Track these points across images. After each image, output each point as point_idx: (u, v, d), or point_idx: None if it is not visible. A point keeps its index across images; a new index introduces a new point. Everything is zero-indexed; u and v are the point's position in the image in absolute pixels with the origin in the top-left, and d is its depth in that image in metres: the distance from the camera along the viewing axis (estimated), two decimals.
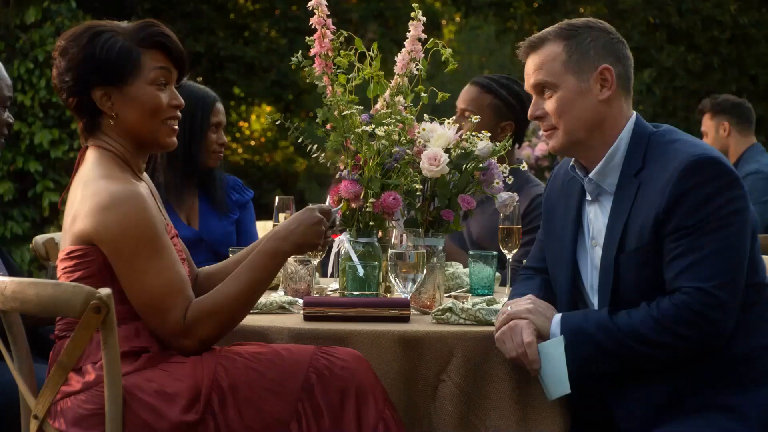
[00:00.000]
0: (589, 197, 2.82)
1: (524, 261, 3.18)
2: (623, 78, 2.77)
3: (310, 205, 2.75)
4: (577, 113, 2.74)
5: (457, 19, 14.76)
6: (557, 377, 2.65)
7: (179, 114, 2.73)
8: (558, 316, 2.70)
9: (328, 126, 3.31)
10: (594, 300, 2.79)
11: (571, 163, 2.86)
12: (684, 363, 2.63)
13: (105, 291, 2.36)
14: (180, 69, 2.73)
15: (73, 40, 2.68)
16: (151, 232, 2.52)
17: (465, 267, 3.56)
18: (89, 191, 2.56)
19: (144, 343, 2.55)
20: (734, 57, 12.69)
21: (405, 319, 2.87)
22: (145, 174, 2.81)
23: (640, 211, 2.66)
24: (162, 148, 2.73)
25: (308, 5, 3.27)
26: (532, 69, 2.80)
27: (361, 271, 3.11)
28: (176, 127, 2.72)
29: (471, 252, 3.41)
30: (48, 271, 3.79)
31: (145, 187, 2.69)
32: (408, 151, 3.24)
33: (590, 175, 2.78)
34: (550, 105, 2.77)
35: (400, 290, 2.98)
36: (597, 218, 2.80)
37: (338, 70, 3.29)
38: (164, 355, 2.56)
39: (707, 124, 6.15)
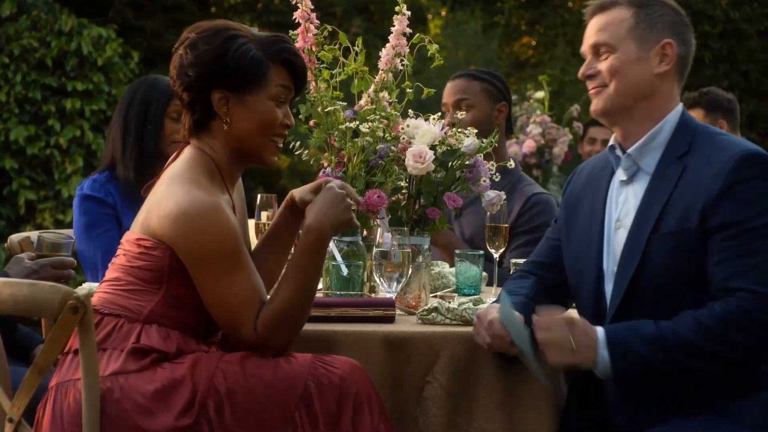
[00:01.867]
0: (623, 177, 2.79)
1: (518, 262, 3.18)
2: (682, 60, 2.78)
3: (328, 184, 2.71)
4: (630, 77, 2.74)
5: (444, 13, 14.76)
6: (521, 336, 2.64)
7: (286, 133, 2.75)
8: (602, 334, 2.62)
9: (311, 122, 3.31)
10: (608, 287, 2.75)
11: (611, 141, 2.84)
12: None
13: (83, 291, 2.36)
14: (299, 89, 2.76)
15: (205, 36, 2.66)
16: (230, 245, 2.54)
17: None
18: (172, 190, 2.58)
19: (165, 348, 2.57)
20: (725, 52, 12.73)
21: (390, 319, 2.87)
22: (239, 183, 2.83)
23: (685, 195, 2.64)
24: (263, 164, 2.74)
25: None
26: (595, 29, 2.79)
27: (345, 271, 3.11)
28: (281, 145, 2.74)
29: (457, 251, 3.41)
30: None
31: (228, 200, 2.70)
32: (393, 148, 3.25)
33: (629, 151, 2.77)
34: (604, 65, 2.76)
35: (385, 290, 2.98)
36: (627, 200, 2.78)
37: (322, 65, 3.29)
38: (168, 355, 2.58)
39: (700, 120, 6.08)
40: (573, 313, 2.82)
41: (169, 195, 2.57)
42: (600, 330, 2.62)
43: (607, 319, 2.72)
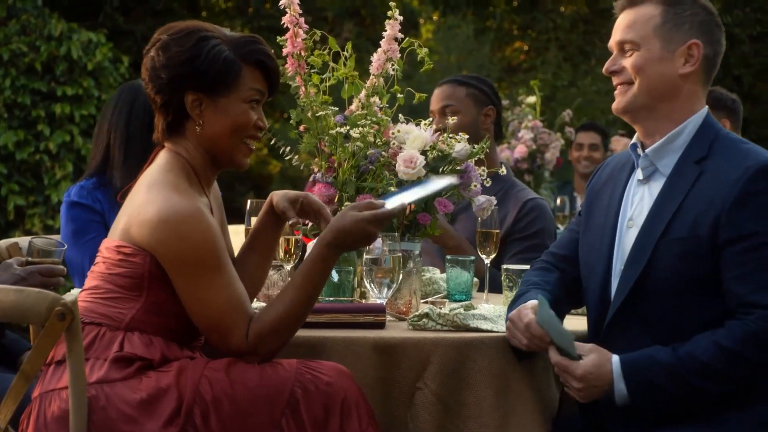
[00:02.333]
0: (640, 176, 2.78)
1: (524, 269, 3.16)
2: (709, 61, 2.75)
3: (367, 215, 2.62)
4: (653, 76, 2.72)
5: (435, 17, 14.78)
6: (562, 335, 2.65)
7: (260, 135, 2.74)
8: (617, 365, 2.62)
9: (301, 127, 3.31)
10: (614, 284, 2.75)
11: (633, 140, 2.83)
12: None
13: (70, 297, 2.35)
14: (272, 90, 2.75)
15: (177, 38, 2.65)
16: (211, 251, 2.54)
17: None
18: (152, 196, 2.57)
19: (149, 355, 2.56)
20: None
21: (380, 325, 2.87)
22: (215, 186, 2.84)
23: (700, 201, 2.63)
24: (235, 166, 2.74)
25: (279, 3, 3.27)
26: (622, 25, 2.78)
27: (335, 277, 3.10)
28: (253, 147, 2.74)
29: (448, 257, 3.41)
30: None
31: (206, 203, 2.70)
32: (383, 153, 3.24)
33: (647, 151, 2.76)
34: (629, 62, 2.75)
35: (376, 296, 2.98)
36: (643, 200, 2.77)
37: (312, 70, 3.29)
38: (152, 362, 2.57)
39: None
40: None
41: (149, 201, 2.56)
42: (615, 361, 2.61)
43: (608, 317, 2.72)
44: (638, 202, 2.78)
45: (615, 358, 2.61)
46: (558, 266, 2.98)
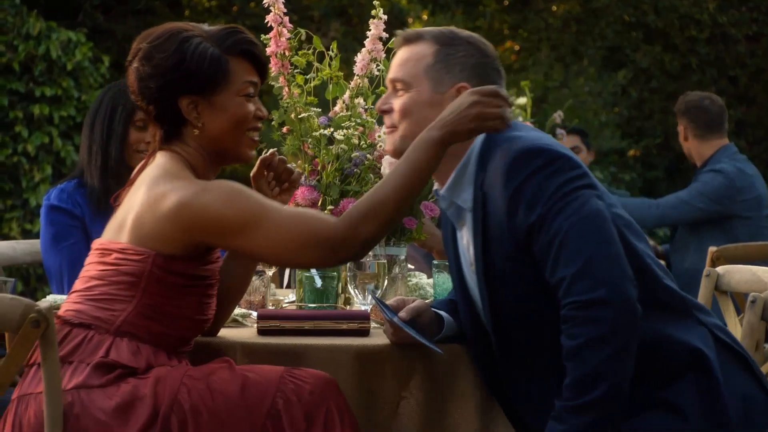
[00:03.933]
0: (454, 220, 2.73)
1: None
2: None
3: (469, 89, 2.55)
4: (420, 121, 2.64)
5: (425, 17, 14.78)
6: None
7: (261, 126, 2.73)
8: None
9: (284, 129, 3.30)
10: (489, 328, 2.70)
11: (435, 185, 2.76)
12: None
13: (44, 304, 2.34)
14: (263, 77, 2.74)
15: (158, 44, 2.63)
16: (247, 200, 2.52)
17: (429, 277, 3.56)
18: (165, 189, 2.54)
19: (134, 364, 2.54)
20: (713, 57, 12.77)
21: (364, 332, 2.87)
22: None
23: (493, 224, 2.58)
24: (241, 160, 2.73)
25: (264, 2, 3.26)
26: (396, 63, 2.73)
27: (318, 282, 3.10)
28: (257, 138, 2.72)
29: (435, 261, 3.41)
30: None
31: None
32: (368, 155, 3.24)
33: (442, 192, 2.69)
34: (398, 102, 2.70)
35: (360, 302, 2.98)
36: (469, 242, 2.70)
37: (295, 71, 3.28)
38: (136, 371, 2.55)
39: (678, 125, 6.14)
40: None
41: (163, 194, 2.53)
42: None
43: (497, 358, 2.69)
44: (467, 245, 2.72)
45: None
46: None
